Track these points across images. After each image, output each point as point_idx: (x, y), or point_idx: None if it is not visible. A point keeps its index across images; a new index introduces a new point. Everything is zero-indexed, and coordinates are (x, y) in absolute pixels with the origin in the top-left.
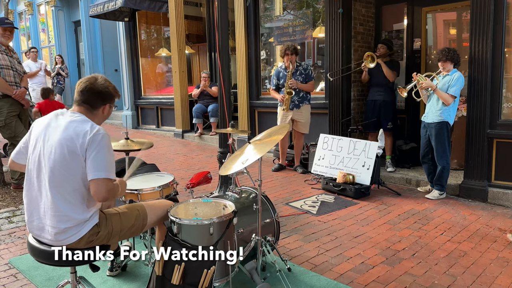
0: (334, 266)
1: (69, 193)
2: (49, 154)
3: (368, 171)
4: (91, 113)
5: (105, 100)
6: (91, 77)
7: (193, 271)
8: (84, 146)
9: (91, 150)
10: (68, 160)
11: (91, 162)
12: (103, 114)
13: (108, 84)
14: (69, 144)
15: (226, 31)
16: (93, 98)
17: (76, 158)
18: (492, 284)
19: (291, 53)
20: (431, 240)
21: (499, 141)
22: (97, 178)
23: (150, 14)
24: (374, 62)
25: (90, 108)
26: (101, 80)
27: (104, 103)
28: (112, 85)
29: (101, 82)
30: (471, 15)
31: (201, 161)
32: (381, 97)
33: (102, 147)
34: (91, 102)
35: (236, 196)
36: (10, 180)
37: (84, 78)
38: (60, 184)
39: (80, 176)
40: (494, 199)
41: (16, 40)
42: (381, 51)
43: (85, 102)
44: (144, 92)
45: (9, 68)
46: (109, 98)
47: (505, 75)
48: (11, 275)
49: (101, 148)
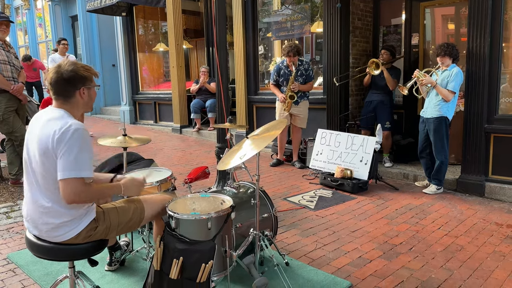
0: (332, 260)
1: (55, 191)
2: (33, 153)
3: (366, 166)
4: (69, 104)
5: (77, 85)
6: (56, 65)
7: (191, 265)
8: (54, 146)
9: (60, 149)
10: (44, 160)
11: (59, 162)
12: (82, 99)
13: (74, 67)
14: (43, 144)
15: (224, 26)
16: (63, 87)
17: (50, 158)
18: (488, 278)
19: (294, 55)
20: (428, 235)
21: (497, 136)
22: (63, 179)
23: (147, 9)
24: (378, 69)
25: (65, 99)
26: (65, 66)
27: (77, 88)
28: (81, 66)
29: (65, 68)
30: (469, 9)
31: (199, 156)
32: (378, 98)
33: (71, 145)
34: (63, 92)
35: (234, 191)
36: (8, 175)
37: (50, 69)
38: (45, 182)
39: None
40: (491, 194)
41: (13, 35)
42: (385, 57)
43: (58, 94)
44: (142, 87)
45: (6, 63)
46: (80, 81)
47: (503, 70)
48: (9, 270)
49: (70, 145)
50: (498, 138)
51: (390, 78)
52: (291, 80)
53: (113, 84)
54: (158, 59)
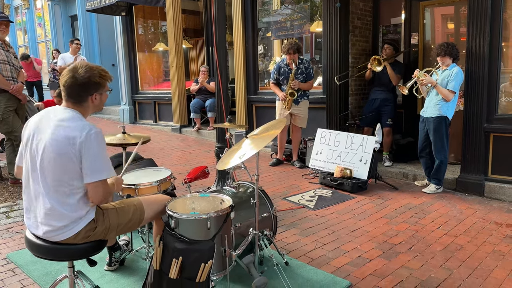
0: (331, 259)
1: (63, 193)
2: (42, 154)
3: (365, 166)
4: (80, 106)
5: (90, 91)
6: (71, 68)
7: (190, 265)
8: (77, 149)
9: (85, 153)
10: (59, 162)
11: (86, 165)
12: (93, 104)
13: (90, 74)
14: (60, 146)
15: (223, 25)
16: (76, 92)
17: (69, 161)
18: (488, 277)
19: (294, 52)
20: (428, 234)
21: (496, 135)
22: (94, 182)
23: (147, 8)
24: (381, 66)
25: (77, 102)
26: (81, 70)
27: (90, 94)
28: (98, 71)
29: (82, 74)
30: (468, 9)
31: (198, 156)
32: (382, 95)
33: (95, 148)
34: (76, 96)
35: (234, 190)
36: (7, 175)
37: (66, 71)
38: (53, 184)
39: (73, 177)
40: (491, 193)
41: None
42: (388, 52)
43: (70, 97)
44: (142, 86)
45: (6, 63)
46: (94, 87)
47: (502, 70)
48: (9, 270)
49: (94, 148)
50: (497, 138)
51: (393, 74)
52: (291, 78)
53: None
54: (158, 59)
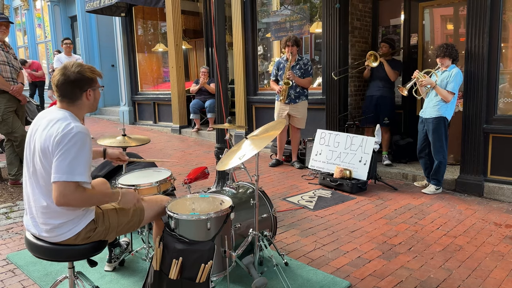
0: (331, 260)
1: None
2: (34, 154)
3: (365, 166)
4: (74, 105)
5: (83, 87)
6: (61, 67)
7: (190, 265)
8: (53, 147)
9: (57, 151)
10: (44, 160)
11: (54, 164)
12: (88, 100)
13: (81, 69)
14: (44, 144)
15: (223, 26)
16: (69, 90)
17: (48, 159)
18: (487, 277)
19: (292, 44)
20: (427, 235)
21: (495, 136)
22: (55, 182)
23: (146, 9)
24: (377, 61)
25: (71, 101)
26: (72, 67)
27: (83, 90)
28: (88, 67)
29: (72, 70)
30: (467, 10)
31: (198, 157)
32: (379, 93)
33: (69, 148)
34: (69, 94)
35: (234, 191)
36: (7, 176)
37: (56, 71)
38: (44, 183)
39: None
40: (490, 194)
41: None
42: (384, 50)
43: (64, 96)
44: (141, 87)
45: (6, 64)
46: (87, 83)
47: (502, 70)
48: (9, 271)
49: (68, 149)
50: (496, 138)
51: (391, 69)
52: (287, 68)
53: (112, 85)
54: (158, 60)
